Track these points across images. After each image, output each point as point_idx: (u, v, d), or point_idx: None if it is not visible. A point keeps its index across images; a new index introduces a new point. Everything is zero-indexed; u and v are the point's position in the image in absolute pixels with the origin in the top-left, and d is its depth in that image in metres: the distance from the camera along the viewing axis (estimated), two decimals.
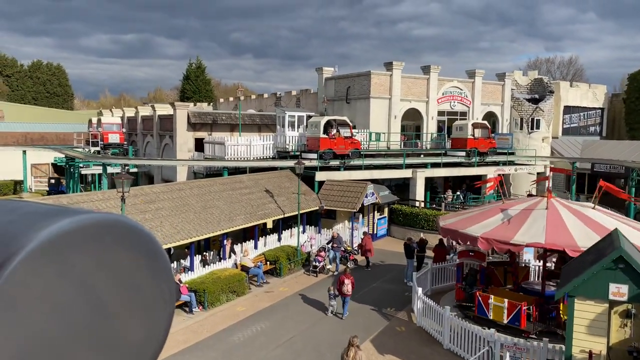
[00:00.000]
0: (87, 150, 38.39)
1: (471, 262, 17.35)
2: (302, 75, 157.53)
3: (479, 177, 34.77)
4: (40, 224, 0.58)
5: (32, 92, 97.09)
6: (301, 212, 24.08)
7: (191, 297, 16.34)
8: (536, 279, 17.87)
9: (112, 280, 0.64)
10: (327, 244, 22.64)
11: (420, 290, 16.39)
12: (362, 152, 29.16)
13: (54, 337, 0.59)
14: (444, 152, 33.89)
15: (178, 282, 16.30)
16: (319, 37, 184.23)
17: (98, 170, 35.59)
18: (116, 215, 0.65)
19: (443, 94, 36.36)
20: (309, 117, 30.07)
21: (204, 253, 20.45)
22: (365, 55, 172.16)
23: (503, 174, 34.94)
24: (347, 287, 16.36)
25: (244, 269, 19.49)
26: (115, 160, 28.16)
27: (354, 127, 30.59)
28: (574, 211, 15.18)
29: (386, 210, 29.37)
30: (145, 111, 38.83)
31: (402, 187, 32.39)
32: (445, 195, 33.40)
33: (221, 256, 20.31)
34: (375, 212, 28.50)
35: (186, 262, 18.61)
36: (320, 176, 26.85)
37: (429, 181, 32.33)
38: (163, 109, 35.71)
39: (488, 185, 21.35)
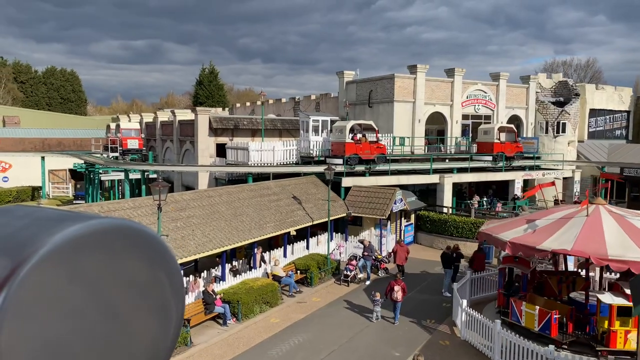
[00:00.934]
0: (105, 156, 38.09)
1: (514, 268, 16.69)
2: (310, 79, 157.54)
3: (505, 183, 33.99)
4: (52, 229, 0.59)
5: (46, 97, 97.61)
6: (324, 219, 23.46)
7: (225, 309, 15.73)
8: (598, 289, 17.04)
9: (122, 284, 0.64)
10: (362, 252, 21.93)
11: (464, 302, 15.64)
12: (387, 157, 28.49)
13: (66, 342, 0.60)
14: (469, 156, 33.14)
15: (212, 293, 15.71)
16: (327, 42, 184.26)
17: (117, 176, 35.26)
18: (126, 221, 0.65)
19: (467, 97, 35.62)
20: (332, 121, 29.48)
21: (233, 262, 19.84)
22: (373, 59, 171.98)
23: (530, 179, 34.16)
24: (398, 293, 16.22)
25: (276, 278, 18.86)
26: (138, 167, 27.72)
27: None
28: (620, 219, 14.44)
29: (413, 216, 28.64)
30: (164, 116, 38.45)
31: (425, 193, 31.66)
32: (471, 201, 32.56)
33: (251, 265, 19.70)
34: (402, 218, 27.79)
35: (217, 272, 18.01)
36: (346, 182, 26.21)
37: (456, 187, 31.55)
38: (183, 114, 35.29)
39: (537, 191, 20.66)
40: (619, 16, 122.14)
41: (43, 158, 39.35)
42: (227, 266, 18.78)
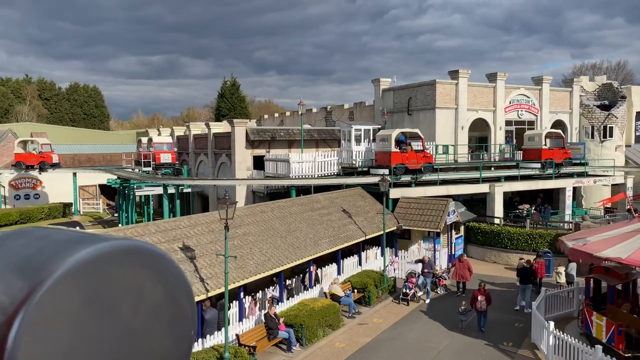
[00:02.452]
0: (137, 170, 37.46)
1: (601, 279, 15.44)
2: (325, 90, 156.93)
3: (551, 191, 32.43)
4: (67, 251, 0.61)
5: (69, 113, 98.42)
6: (380, 233, 22.25)
7: (290, 334, 14.57)
8: None
9: (135, 303, 0.66)
10: (422, 269, 20.65)
11: (551, 324, 14.24)
12: (434, 167, 27.24)
13: None
14: (515, 164, 31.70)
15: (274, 317, 14.58)
16: (342, 52, 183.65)
17: (150, 191, 34.52)
18: (138, 242, 0.68)
19: (510, 103, 34.24)
20: (375, 130, 28.38)
21: (287, 281, 18.71)
22: (387, 68, 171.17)
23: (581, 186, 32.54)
24: (482, 303, 16.12)
25: (334, 298, 17.66)
26: (178, 182, 26.85)
27: None
28: None
29: (462, 228, 27.24)
30: (197, 129, 37.74)
31: (468, 203, 30.24)
32: (520, 210, 31.04)
33: (306, 284, 18.56)
34: (452, 230, 26.42)
35: (274, 292, 16.88)
36: (394, 193, 25.00)
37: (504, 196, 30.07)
38: (218, 127, 34.51)
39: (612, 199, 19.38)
40: (637, 18, 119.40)
41: (75, 174, 38.87)
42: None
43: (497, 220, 27.55)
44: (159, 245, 13.52)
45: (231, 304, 14.91)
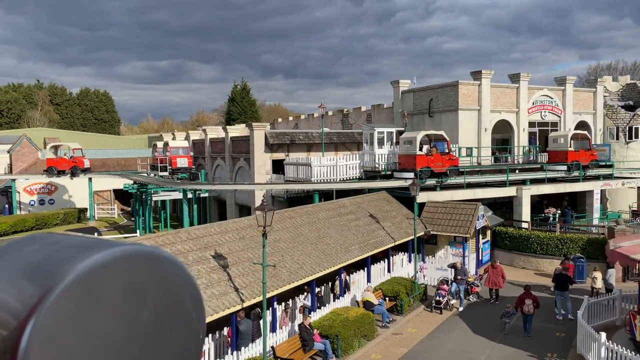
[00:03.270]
0: (152, 175, 37.05)
1: None
2: (331, 93, 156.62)
3: (574, 194, 31.55)
4: (77, 256, 0.62)
5: (80, 119, 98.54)
6: (409, 238, 21.60)
7: (326, 345, 13.93)
8: None
9: (145, 308, 0.67)
10: (454, 276, 19.97)
11: (603, 336, 13.50)
12: (460, 169, 26.53)
13: None
14: (540, 166, 30.92)
15: (309, 327, 13.96)
16: (348, 55, 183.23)
17: (167, 196, 34.04)
18: (147, 247, 0.68)
19: (533, 104, 33.46)
20: (398, 133, 27.74)
21: (317, 289, 18.06)
22: (394, 71, 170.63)
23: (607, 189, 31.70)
24: (529, 306, 15.87)
25: (366, 306, 17.00)
26: (200, 186, 26.33)
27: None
28: None
29: (489, 233, 26.50)
30: (213, 133, 37.27)
31: (492, 207, 29.44)
32: (545, 214, 30.22)
33: (336, 292, 17.92)
34: (480, 235, 25.68)
35: (306, 301, 16.25)
36: (420, 197, 24.23)
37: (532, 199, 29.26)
38: (235, 131, 34.01)
39: None
40: None
41: (90, 179, 38.51)
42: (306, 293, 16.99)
43: (524, 225, 26.77)
44: (191, 254, 12.96)
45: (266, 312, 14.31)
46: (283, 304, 15.48)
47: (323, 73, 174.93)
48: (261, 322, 14.24)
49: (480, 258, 25.23)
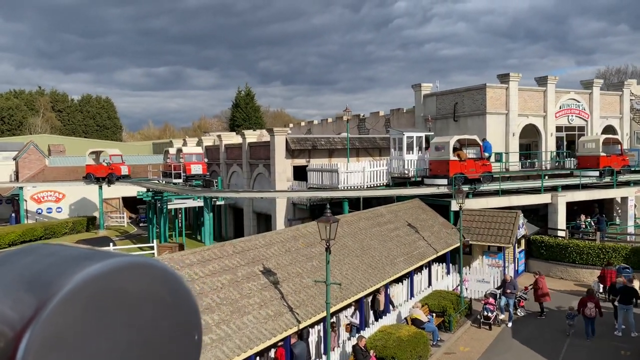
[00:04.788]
0: (164, 182, 35.81)
1: None
2: (329, 99, 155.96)
3: (602, 201, 30.46)
4: (74, 268, 0.62)
5: (82, 125, 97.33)
6: (450, 249, 20.47)
7: None
8: None
9: (143, 319, 0.67)
10: (498, 288, 18.80)
11: None
12: (494, 175, 25.43)
13: None
14: (569, 172, 29.86)
15: (364, 349, 12.75)
16: (346, 62, 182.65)
17: (182, 204, 32.79)
18: (146, 258, 0.68)
19: (560, 107, 32.45)
20: (427, 137, 26.67)
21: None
22: (392, 77, 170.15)
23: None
24: (591, 310, 15.83)
25: (415, 324, 15.79)
26: (221, 194, 25.11)
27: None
28: None
29: (523, 242, 25.36)
30: (228, 139, 36.11)
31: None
32: (578, 222, 29.11)
33: (378, 308, 16.69)
34: (515, 244, 24.54)
35: (354, 319, 15.04)
36: (456, 205, 23.15)
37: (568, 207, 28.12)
38: (252, 136, 32.88)
39: None
40: None
41: (100, 187, 37.23)
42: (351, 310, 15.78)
43: (560, 233, 25.65)
44: (240, 269, 11.79)
45: (311, 332, 13.14)
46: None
47: (321, 79, 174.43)
48: (310, 342, 13.06)
49: (516, 268, 24.11)
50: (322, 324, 14.08)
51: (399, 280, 18.64)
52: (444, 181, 23.94)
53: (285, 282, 12.34)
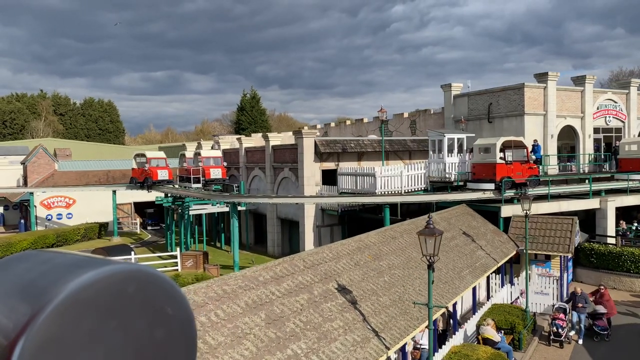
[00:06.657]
0: (183, 187, 34.23)
1: None
2: (327, 103, 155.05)
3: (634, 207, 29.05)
4: (68, 275, 0.62)
5: (85, 129, 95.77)
6: (506, 259, 19.00)
7: None
8: None
9: (137, 327, 0.66)
10: (567, 302, 17.32)
11: None
12: (540, 179, 24.02)
13: None
14: (610, 175, 28.48)
15: None
16: (344, 66, 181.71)
17: (202, 210, 31.24)
18: (140, 266, 0.68)
19: (598, 108, 31.11)
20: (469, 139, 25.24)
21: None
22: (389, 81, 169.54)
23: None
24: None
25: (488, 343, 14.29)
26: (254, 200, 23.57)
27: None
28: None
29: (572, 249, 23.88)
30: (248, 142, 34.61)
31: None
32: (619, 228, 27.66)
33: (449, 328, 15.19)
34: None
35: (422, 341, 13.51)
36: (506, 211, 21.73)
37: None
38: (276, 139, 31.40)
39: None
40: (638, 28, 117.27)
41: (114, 192, 35.62)
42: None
43: (610, 240, 24.20)
44: (315, 286, 10.28)
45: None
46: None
47: (318, 83, 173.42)
48: None
49: (566, 278, 22.64)
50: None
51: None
52: (491, 185, 22.51)
53: (362, 301, 10.83)
